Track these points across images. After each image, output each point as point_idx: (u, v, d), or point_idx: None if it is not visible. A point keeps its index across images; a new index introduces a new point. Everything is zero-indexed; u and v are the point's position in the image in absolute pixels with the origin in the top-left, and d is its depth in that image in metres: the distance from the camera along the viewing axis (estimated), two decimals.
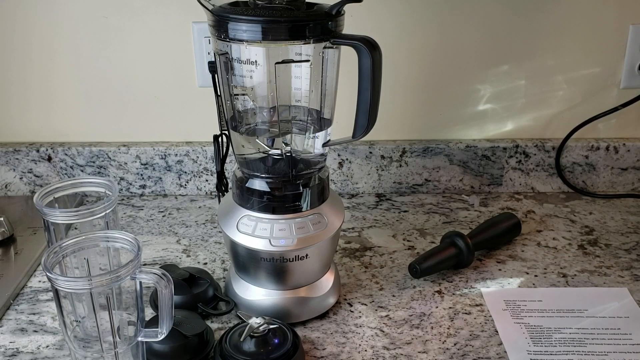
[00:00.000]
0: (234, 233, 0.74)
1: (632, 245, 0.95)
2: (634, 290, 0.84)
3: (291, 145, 0.74)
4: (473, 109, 1.09)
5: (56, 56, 1.02)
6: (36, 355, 0.72)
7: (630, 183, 1.12)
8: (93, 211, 0.67)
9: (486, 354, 0.72)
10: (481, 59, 1.05)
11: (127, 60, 1.03)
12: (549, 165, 1.11)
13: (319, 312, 0.77)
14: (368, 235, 0.98)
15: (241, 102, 0.73)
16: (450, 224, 1.02)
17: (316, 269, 0.77)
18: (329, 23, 0.67)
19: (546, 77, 1.07)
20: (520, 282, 0.86)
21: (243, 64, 0.69)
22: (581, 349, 0.73)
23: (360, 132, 0.71)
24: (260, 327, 0.68)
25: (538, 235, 0.98)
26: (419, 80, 1.06)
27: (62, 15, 0.99)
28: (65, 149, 1.07)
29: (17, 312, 0.79)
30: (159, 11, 1.00)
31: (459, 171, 1.11)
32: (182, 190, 1.11)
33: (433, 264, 0.85)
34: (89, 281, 0.57)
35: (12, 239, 0.94)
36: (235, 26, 0.65)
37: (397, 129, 1.09)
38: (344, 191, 1.12)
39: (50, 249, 0.60)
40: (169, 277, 0.60)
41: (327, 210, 0.76)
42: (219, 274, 0.87)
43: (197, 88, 1.05)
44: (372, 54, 0.66)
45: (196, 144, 1.08)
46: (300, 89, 0.72)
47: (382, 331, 0.76)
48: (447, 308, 0.80)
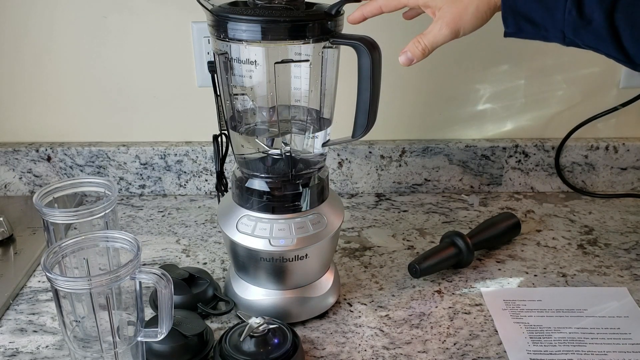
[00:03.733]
0: (233, 233, 0.74)
1: (631, 244, 0.95)
2: (634, 290, 0.84)
3: (291, 145, 0.74)
4: (473, 108, 1.09)
5: (56, 56, 1.02)
6: (36, 355, 0.72)
7: (629, 183, 1.12)
8: (92, 211, 0.66)
9: (486, 354, 0.72)
10: (481, 58, 1.05)
11: (126, 60, 1.03)
12: (548, 165, 1.11)
13: (318, 312, 0.77)
14: (368, 235, 0.98)
15: (241, 102, 0.73)
16: (449, 223, 1.02)
17: (316, 269, 0.77)
18: (329, 23, 0.67)
19: (546, 77, 1.06)
20: (520, 282, 0.86)
21: (242, 63, 0.69)
22: (581, 348, 0.73)
23: (360, 131, 0.71)
24: (259, 327, 0.68)
25: (537, 235, 0.98)
26: (419, 80, 1.06)
27: (62, 15, 0.99)
28: (65, 149, 1.06)
29: (16, 312, 0.79)
30: (158, 11, 1.00)
31: (459, 171, 1.11)
32: (181, 190, 1.11)
33: (433, 263, 0.85)
34: (88, 281, 0.57)
35: (12, 239, 0.94)
36: (235, 26, 0.65)
37: (397, 128, 1.09)
38: (343, 191, 1.12)
39: (49, 249, 0.60)
40: (168, 277, 0.60)
41: (326, 210, 0.76)
42: (218, 273, 0.87)
43: (197, 88, 1.05)
44: (371, 53, 0.66)
45: (196, 144, 1.08)
46: (300, 89, 0.72)
47: (381, 331, 0.76)
48: (447, 308, 0.80)
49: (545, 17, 0.59)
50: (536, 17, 0.60)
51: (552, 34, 0.60)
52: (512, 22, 0.61)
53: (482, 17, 0.62)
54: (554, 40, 0.61)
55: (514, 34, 0.62)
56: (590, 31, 0.57)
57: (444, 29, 0.63)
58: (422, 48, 0.64)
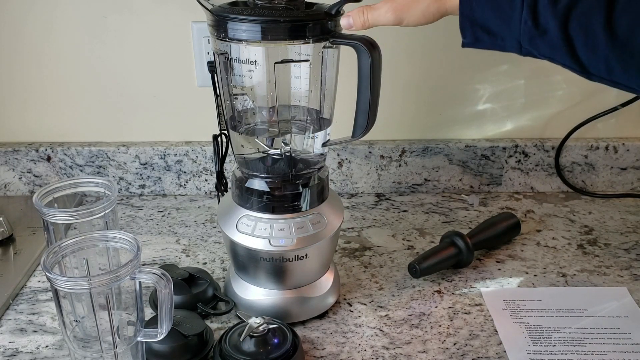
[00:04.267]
0: (233, 233, 0.74)
1: (631, 244, 0.95)
2: (633, 290, 0.84)
3: (290, 145, 0.74)
4: (472, 108, 1.09)
5: (55, 56, 1.02)
6: (35, 355, 0.72)
7: (629, 183, 1.12)
8: (92, 211, 0.66)
9: (485, 354, 0.72)
10: (480, 58, 1.05)
11: (126, 60, 1.03)
12: (548, 164, 1.11)
13: (318, 312, 0.77)
14: (367, 235, 0.98)
15: (240, 102, 0.73)
16: (449, 223, 1.02)
17: (316, 269, 0.77)
18: (329, 23, 0.67)
19: (545, 77, 1.06)
20: (520, 282, 0.86)
21: (242, 63, 0.69)
22: (580, 348, 0.73)
23: (360, 131, 0.71)
24: (259, 327, 0.68)
25: (537, 235, 0.98)
26: (419, 80, 1.06)
27: (61, 15, 0.99)
28: (65, 149, 1.06)
29: (16, 312, 0.79)
30: (158, 11, 0.99)
31: (459, 171, 1.11)
32: (181, 190, 1.11)
33: (432, 263, 0.85)
34: (88, 281, 0.57)
35: (12, 239, 0.94)
36: (235, 26, 0.65)
37: (397, 128, 1.09)
38: (343, 191, 1.12)
39: (49, 249, 0.60)
40: (168, 277, 0.59)
41: (326, 210, 0.76)
42: (218, 273, 0.87)
43: (197, 88, 1.05)
44: (371, 53, 0.66)
45: (195, 144, 1.08)
46: (300, 89, 0.72)
47: (381, 331, 0.76)
48: (447, 308, 0.80)
49: (502, 27, 0.60)
50: (493, 26, 0.60)
51: (508, 43, 0.61)
52: (469, 33, 0.62)
53: (428, 17, 0.64)
54: (510, 50, 0.61)
55: (472, 44, 0.63)
56: (546, 41, 0.58)
57: (389, 14, 0.64)
58: (363, 20, 0.66)
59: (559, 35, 0.57)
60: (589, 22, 0.55)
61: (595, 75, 0.59)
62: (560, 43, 0.57)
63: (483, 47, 0.63)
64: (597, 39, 0.55)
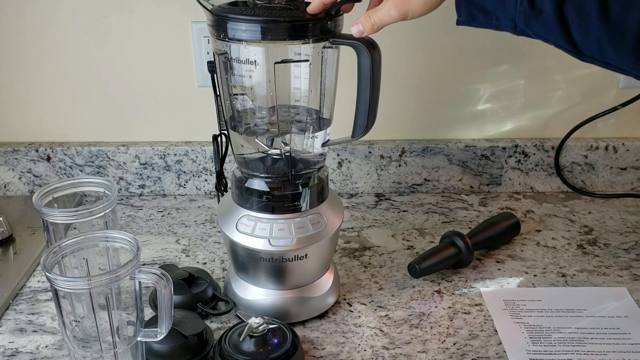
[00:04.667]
0: (233, 233, 0.74)
1: (631, 244, 0.95)
2: (633, 290, 0.84)
3: (290, 145, 0.74)
4: (472, 108, 1.09)
5: (55, 56, 1.02)
6: (35, 355, 0.72)
7: (629, 183, 1.12)
8: (92, 211, 0.66)
9: (485, 354, 0.72)
10: (480, 58, 1.05)
11: (126, 59, 1.03)
12: (548, 165, 1.11)
13: (318, 312, 0.77)
14: (367, 235, 0.98)
15: (240, 102, 0.73)
16: (449, 223, 1.02)
17: (315, 269, 0.77)
18: (328, 23, 0.67)
19: (545, 77, 1.07)
20: (520, 282, 0.86)
21: (242, 63, 0.69)
22: (580, 348, 0.73)
23: (360, 131, 0.71)
24: (259, 327, 0.68)
25: (537, 235, 0.98)
26: (418, 80, 1.06)
27: (61, 15, 0.99)
28: (64, 149, 1.06)
29: (16, 312, 0.79)
30: (158, 11, 0.99)
31: (458, 171, 1.11)
32: (181, 190, 1.11)
33: (432, 263, 0.85)
34: (88, 281, 0.57)
35: (11, 239, 0.94)
36: (235, 26, 0.65)
37: (397, 128, 1.09)
38: (343, 191, 1.12)
39: (49, 249, 0.60)
40: (168, 277, 0.59)
41: (326, 210, 0.76)
42: (218, 273, 0.87)
43: (197, 88, 1.05)
44: (371, 53, 0.66)
45: (195, 144, 1.08)
46: (300, 89, 0.72)
47: (381, 331, 0.76)
48: (447, 308, 0.80)
49: (497, 7, 0.61)
50: (488, 6, 0.61)
51: (503, 23, 0.61)
52: (465, 11, 0.63)
53: (431, 3, 0.63)
54: (505, 29, 0.62)
55: (466, 22, 0.63)
56: (541, 21, 0.59)
57: (392, 10, 0.64)
58: (371, 23, 0.65)
59: (554, 16, 0.57)
60: (583, 4, 0.56)
61: (587, 56, 0.59)
62: (555, 24, 0.58)
63: (477, 25, 0.63)
64: (590, 20, 0.56)
